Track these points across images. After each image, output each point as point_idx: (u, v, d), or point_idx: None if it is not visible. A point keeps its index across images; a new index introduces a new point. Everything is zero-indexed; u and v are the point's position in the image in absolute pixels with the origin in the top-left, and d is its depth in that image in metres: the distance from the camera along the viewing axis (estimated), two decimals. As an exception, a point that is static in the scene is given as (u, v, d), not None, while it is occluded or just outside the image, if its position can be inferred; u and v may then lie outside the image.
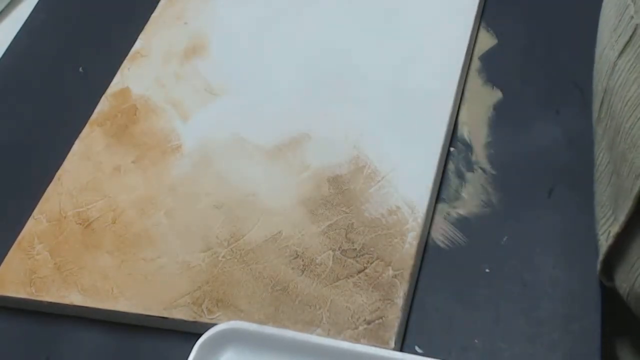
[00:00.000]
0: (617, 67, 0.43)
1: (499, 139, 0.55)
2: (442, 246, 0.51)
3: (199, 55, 0.64)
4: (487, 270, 0.49)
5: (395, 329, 0.46)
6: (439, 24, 0.60)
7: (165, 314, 0.49)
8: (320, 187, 0.53)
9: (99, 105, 0.62)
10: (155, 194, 0.55)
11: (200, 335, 0.46)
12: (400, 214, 0.51)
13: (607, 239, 0.44)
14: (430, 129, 0.54)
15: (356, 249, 0.50)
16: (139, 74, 0.63)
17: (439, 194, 0.53)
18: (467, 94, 0.57)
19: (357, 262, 0.49)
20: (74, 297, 0.51)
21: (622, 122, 0.42)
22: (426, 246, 0.51)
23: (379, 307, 0.47)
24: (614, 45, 0.44)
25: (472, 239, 0.50)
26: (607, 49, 0.45)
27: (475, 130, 0.56)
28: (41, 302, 0.52)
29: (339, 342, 0.44)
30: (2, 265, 0.54)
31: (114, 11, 0.72)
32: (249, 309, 0.48)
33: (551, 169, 0.52)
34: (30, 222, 0.56)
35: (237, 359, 0.46)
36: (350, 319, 0.47)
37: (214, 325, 0.47)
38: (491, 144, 0.54)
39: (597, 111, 0.47)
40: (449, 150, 0.55)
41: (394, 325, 0.46)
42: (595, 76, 0.48)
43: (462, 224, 0.51)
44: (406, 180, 0.52)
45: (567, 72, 0.57)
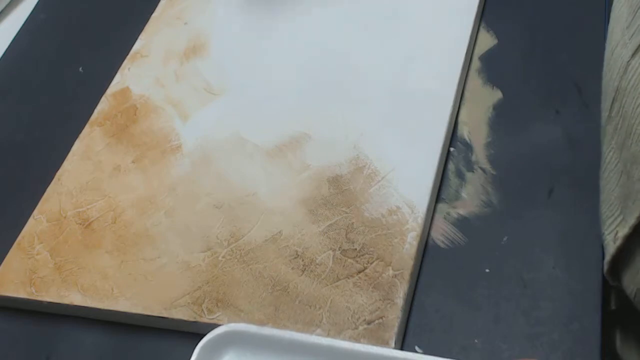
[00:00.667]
0: (630, 67, 0.42)
1: (499, 139, 0.55)
2: (442, 246, 0.51)
3: (199, 55, 0.64)
4: (487, 270, 0.49)
5: (395, 329, 0.46)
6: (439, 24, 0.60)
7: (165, 314, 0.49)
8: (320, 187, 0.53)
9: (99, 105, 0.62)
10: (155, 194, 0.55)
11: (200, 335, 0.46)
12: (400, 214, 0.51)
13: (615, 240, 0.44)
14: (430, 129, 0.54)
15: (356, 249, 0.50)
16: (139, 74, 0.63)
17: (439, 194, 0.53)
18: (467, 94, 0.57)
19: (357, 262, 0.49)
20: (74, 297, 0.51)
21: (635, 123, 0.41)
22: (426, 246, 0.51)
23: (379, 307, 0.47)
24: (627, 43, 0.43)
25: (472, 239, 0.50)
26: (620, 47, 0.44)
27: (475, 130, 0.56)
28: (41, 302, 0.52)
29: (339, 342, 0.44)
30: (2, 265, 0.54)
31: (114, 11, 0.72)
32: (249, 309, 0.48)
33: (551, 169, 0.52)
34: (30, 222, 0.56)
35: None
36: (350, 319, 0.47)
37: (214, 325, 0.47)
38: (491, 144, 0.54)
39: (608, 110, 0.46)
40: (449, 150, 0.55)
41: (394, 325, 0.46)
42: (605, 74, 0.48)
43: (462, 224, 0.51)
44: (406, 180, 0.52)
45: (567, 72, 0.57)
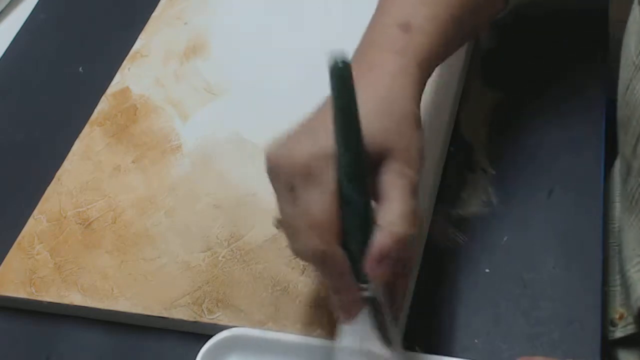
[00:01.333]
0: None
1: (499, 139, 0.55)
2: (442, 246, 0.50)
3: (199, 55, 0.64)
4: (487, 270, 0.49)
5: (395, 329, 0.46)
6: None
7: (165, 314, 0.49)
8: (320, 187, 0.53)
9: (99, 105, 0.62)
10: (155, 194, 0.55)
11: (200, 335, 0.46)
12: (400, 213, 0.50)
13: None
14: (430, 129, 0.54)
15: (356, 249, 0.49)
16: (139, 74, 0.63)
17: (439, 194, 0.53)
18: (467, 94, 0.57)
19: (357, 262, 0.49)
20: (74, 297, 0.51)
21: None
22: (426, 246, 0.50)
23: (379, 307, 0.47)
24: None
25: (472, 239, 0.50)
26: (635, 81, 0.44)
27: (475, 130, 0.56)
28: (41, 302, 0.52)
29: (342, 344, 0.44)
30: (2, 265, 0.54)
31: (114, 11, 0.72)
32: (249, 309, 0.48)
33: (551, 169, 0.52)
34: (30, 222, 0.56)
35: None
36: (350, 318, 0.47)
37: (214, 325, 0.47)
38: (491, 144, 0.54)
39: (633, 146, 0.46)
40: (449, 150, 0.55)
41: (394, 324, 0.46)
42: (624, 107, 0.47)
43: (462, 224, 0.51)
44: (406, 180, 0.52)
45: (567, 72, 0.57)
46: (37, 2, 0.75)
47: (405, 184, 0.39)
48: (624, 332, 0.50)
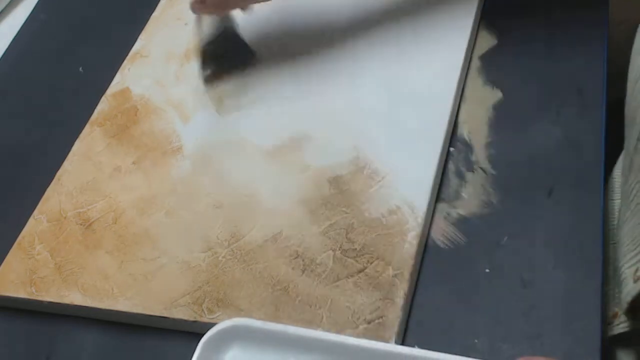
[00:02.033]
0: None
1: (499, 139, 0.55)
2: (442, 246, 0.51)
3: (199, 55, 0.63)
4: (487, 270, 0.49)
5: (395, 329, 0.46)
6: (439, 24, 0.60)
7: (165, 314, 0.49)
8: (320, 187, 0.53)
9: (99, 105, 0.62)
10: (155, 195, 0.55)
11: (200, 335, 0.46)
12: (400, 213, 0.51)
13: (636, 279, 0.44)
14: (430, 129, 0.54)
15: (356, 249, 0.50)
16: (139, 74, 0.63)
17: (439, 194, 0.53)
18: (467, 94, 0.57)
19: (357, 261, 0.49)
20: (74, 297, 0.51)
21: None
22: (426, 246, 0.51)
23: (379, 307, 0.47)
24: None
25: (472, 239, 0.50)
26: None
27: (475, 130, 0.56)
28: (41, 302, 0.52)
29: (343, 338, 0.44)
30: (3, 265, 0.54)
31: (114, 11, 0.72)
32: (249, 309, 0.48)
33: (551, 169, 0.52)
34: (30, 222, 0.56)
35: (241, 355, 0.45)
36: (350, 318, 0.47)
37: (214, 325, 0.47)
38: (491, 144, 0.55)
39: (635, 140, 0.46)
40: (449, 150, 0.55)
41: (394, 324, 0.46)
42: (630, 103, 0.47)
43: (462, 224, 0.51)
44: (406, 180, 0.52)
45: (567, 72, 0.57)
46: (37, 2, 0.75)
47: None
48: (617, 330, 0.50)
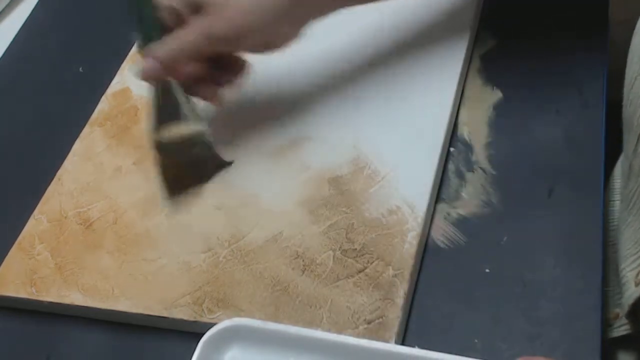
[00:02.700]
0: None
1: (499, 139, 0.55)
2: (442, 246, 0.51)
3: (199, 55, 0.63)
4: (487, 270, 0.49)
5: (395, 329, 0.46)
6: (439, 24, 0.60)
7: (165, 314, 0.49)
8: (320, 188, 0.53)
9: (99, 105, 0.62)
10: (156, 195, 0.55)
11: (201, 335, 0.46)
12: (400, 213, 0.51)
13: (637, 282, 0.44)
14: (430, 129, 0.54)
15: (356, 249, 0.50)
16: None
17: (439, 194, 0.53)
18: (467, 94, 0.57)
19: (357, 262, 0.49)
20: (75, 297, 0.51)
21: None
22: (426, 246, 0.51)
23: (379, 307, 0.47)
24: None
25: (472, 239, 0.50)
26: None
27: (475, 130, 0.56)
28: (42, 302, 0.52)
29: (344, 338, 0.44)
30: (3, 265, 0.54)
31: (114, 11, 0.72)
32: (249, 309, 0.48)
33: (551, 169, 0.52)
34: (30, 222, 0.56)
35: (241, 355, 0.45)
36: (350, 318, 0.47)
37: (214, 325, 0.47)
38: (491, 144, 0.55)
39: (634, 144, 0.46)
40: (449, 150, 0.55)
41: (394, 324, 0.46)
42: (627, 105, 0.47)
43: (462, 224, 0.51)
44: (406, 180, 0.52)
45: (567, 72, 0.57)
46: (37, 2, 0.75)
47: (194, 30, 0.51)
48: (618, 332, 0.50)
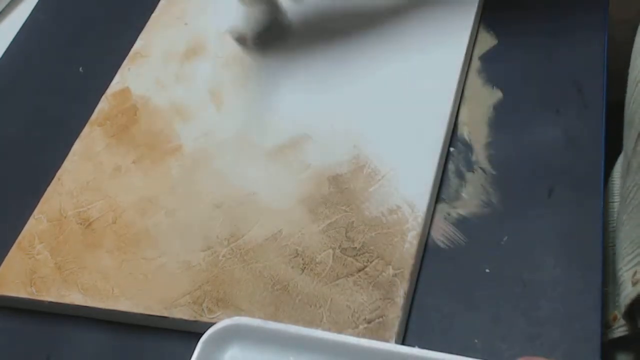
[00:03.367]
0: None
1: (499, 139, 0.55)
2: (442, 246, 0.51)
3: (199, 55, 0.64)
4: (487, 270, 0.49)
5: (395, 328, 0.46)
6: (439, 23, 0.60)
7: (165, 314, 0.49)
8: (320, 186, 0.53)
9: (99, 105, 0.62)
10: (155, 194, 0.55)
11: (200, 334, 0.46)
12: (400, 213, 0.51)
13: (635, 282, 0.44)
14: (430, 129, 0.54)
15: (356, 248, 0.50)
16: (139, 74, 0.63)
17: (439, 194, 0.53)
18: (467, 94, 0.57)
19: (357, 260, 0.49)
20: (75, 297, 0.51)
21: None
22: (426, 246, 0.51)
23: (379, 306, 0.47)
24: None
25: (472, 239, 0.50)
26: None
27: (475, 130, 0.56)
28: (41, 302, 0.52)
29: (344, 337, 0.44)
30: (3, 265, 0.54)
31: (114, 11, 0.72)
32: (249, 308, 0.48)
33: (551, 169, 0.52)
34: (30, 221, 0.56)
35: (241, 354, 0.45)
36: (350, 317, 0.47)
37: (214, 324, 0.47)
38: (491, 144, 0.55)
39: (633, 142, 0.46)
40: (449, 150, 0.55)
41: (394, 324, 0.46)
42: (629, 103, 0.47)
43: (462, 224, 0.51)
44: (406, 179, 0.52)
45: (567, 72, 0.57)
46: (37, 2, 0.75)
47: None
48: (617, 333, 0.50)
